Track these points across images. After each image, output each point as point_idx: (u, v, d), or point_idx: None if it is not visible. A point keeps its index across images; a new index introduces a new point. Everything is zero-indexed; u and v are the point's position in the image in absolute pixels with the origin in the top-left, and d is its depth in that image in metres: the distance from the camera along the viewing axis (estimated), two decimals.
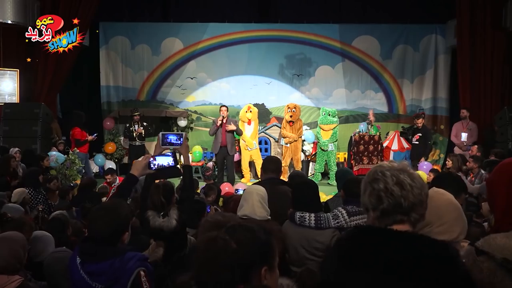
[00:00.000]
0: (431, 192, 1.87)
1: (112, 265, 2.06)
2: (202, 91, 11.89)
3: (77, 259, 2.15)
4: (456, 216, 1.78)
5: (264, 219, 3.07)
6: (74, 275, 2.14)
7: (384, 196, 1.41)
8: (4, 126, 8.66)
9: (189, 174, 3.42)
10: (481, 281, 1.31)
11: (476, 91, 9.66)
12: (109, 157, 10.57)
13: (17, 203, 4.71)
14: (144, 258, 2.17)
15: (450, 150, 9.48)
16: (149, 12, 11.97)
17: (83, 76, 11.79)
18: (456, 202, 1.85)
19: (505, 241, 1.33)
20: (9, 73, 9.25)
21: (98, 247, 2.12)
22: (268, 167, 3.88)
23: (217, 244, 1.36)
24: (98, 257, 2.10)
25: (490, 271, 1.31)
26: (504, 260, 1.29)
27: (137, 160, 2.72)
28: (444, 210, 1.77)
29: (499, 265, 1.29)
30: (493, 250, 1.32)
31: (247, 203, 3.14)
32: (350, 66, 11.77)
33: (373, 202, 1.44)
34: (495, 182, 1.54)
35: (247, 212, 3.09)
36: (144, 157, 2.71)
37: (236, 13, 11.61)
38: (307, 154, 10.42)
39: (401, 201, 1.39)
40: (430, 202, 1.48)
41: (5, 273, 2.46)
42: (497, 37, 9.47)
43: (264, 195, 3.18)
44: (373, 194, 1.44)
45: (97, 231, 2.14)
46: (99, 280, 2.08)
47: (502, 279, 1.28)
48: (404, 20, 11.41)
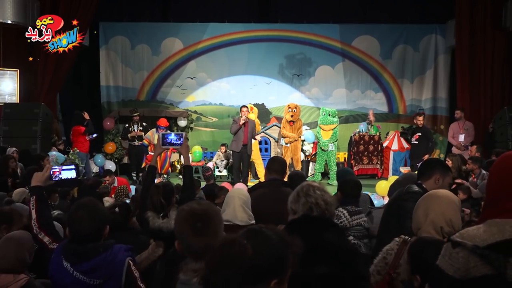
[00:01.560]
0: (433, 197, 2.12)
1: (105, 258, 2.13)
2: (202, 91, 11.90)
3: (63, 263, 2.16)
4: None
5: (246, 224, 2.97)
6: (64, 279, 2.15)
7: (314, 208, 2.11)
8: (4, 126, 8.65)
9: (189, 174, 3.41)
10: (459, 269, 1.46)
11: (475, 91, 9.65)
12: (109, 157, 10.57)
13: (17, 203, 4.70)
14: (129, 249, 2.25)
15: (450, 150, 9.47)
16: (149, 12, 11.98)
17: (83, 76, 11.80)
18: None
19: (476, 231, 1.49)
20: (9, 73, 9.24)
21: (86, 246, 2.15)
22: (273, 167, 3.82)
23: (234, 248, 1.34)
24: (90, 255, 2.14)
25: (464, 259, 1.46)
26: (474, 246, 1.44)
27: (38, 172, 2.68)
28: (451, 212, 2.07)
29: (470, 252, 1.44)
30: (465, 240, 1.48)
31: (229, 207, 3.05)
32: (350, 66, 11.78)
33: (304, 210, 2.12)
34: (491, 172, 1.64)
35: (228, 217, 2.99)
36: (46, 168, 2.70)
37: (236, 13, 11.61)
38: (307, 154, 10.42)
39: (325, 212, 2.12)
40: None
41: (11, 273, 2.48)
42: (497, 37, 9.47)
43: (247, 199, 3.08)
44: (306, 205, 2.11)
45: (83, 230, 2.16)
46: (96, 276, 2.12)
47: (475, 264, 1.44)
48: (404, 20, 11.42)
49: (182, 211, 1.82)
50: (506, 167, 1.56)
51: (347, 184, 3.50)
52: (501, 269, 1.41)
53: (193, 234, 1.73)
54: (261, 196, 3.35)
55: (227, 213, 3.03)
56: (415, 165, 8.72)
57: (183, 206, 1.85)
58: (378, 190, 7.73)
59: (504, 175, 1.55)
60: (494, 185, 1.58)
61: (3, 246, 2.57)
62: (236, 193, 3.17)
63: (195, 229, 1.73)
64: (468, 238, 1.48)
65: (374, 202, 5.36)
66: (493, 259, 1.42)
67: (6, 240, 2.63)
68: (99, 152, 10.34)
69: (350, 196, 3.44)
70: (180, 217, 1.80)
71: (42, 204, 2.50)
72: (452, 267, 1.48)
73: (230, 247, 1.35)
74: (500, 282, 1.41)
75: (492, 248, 1.43)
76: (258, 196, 3.24)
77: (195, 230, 1.73)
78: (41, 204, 2.49)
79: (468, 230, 1.52)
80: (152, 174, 3.52)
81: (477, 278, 1.44)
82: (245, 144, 8.63)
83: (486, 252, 1.43)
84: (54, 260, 2.23)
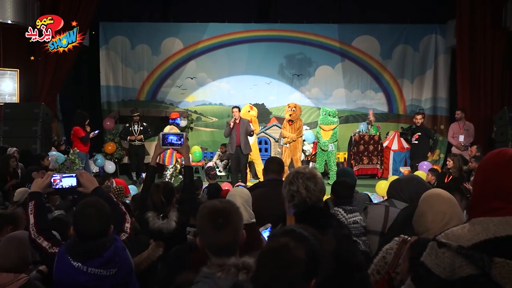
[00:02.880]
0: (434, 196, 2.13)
1: (115, 250, 2.25)
2: (202, 91, 11.90)
3: (73, 264, 2.19)
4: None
5: (247, 223, 2.98)
6: (79, 278, 2.19)
7: (296, 195, 2.12)
8: (4, 126, 8.65)
9: (189, 174, 3.41)
10: (445, 270, 1.47)
11: (476, 91, 9.65)
12: (109, 157, 10.57)
13: (19, 202, 4.70)
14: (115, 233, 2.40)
15: (450, 150, 9.48)
16: (149, 12, 11.98)
17: (83, 76, 11.79)
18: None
19: (461, 231, 1.50)
20: (9, 73, 9.24)
21: (95, 243, 2.22)
22: (270, 168, 3.82)
23: (290, 251, 1.41)
24: (100, 251, 2.21)
25: (449, 259, 1.47)
26: (459, 247, 1.45)
27: (38, 178, 2.69)
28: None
29: (456, 253, 1.45)
30: (451, 240, 1.48)
31: None
32: (350, 66, 11.78)
33: (288, 197, 2.15)
34: (477, 170, 1.64)
35: None
36: (47, 175, 2.70)
37: (236, 13, 11.61)
38: (307, 154, 10.42)
39: (306, 200, 2.11)
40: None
41: (12, 272, 2.49)
42: (497, 37, 9.47)
43: (248, 198, 3.09)
44: (289, 192, 2.14)
45: (92, 228, 2.22)
46: (111, 266, 2.23)
47: (460, 265, 1.45)
48: (404, 20, 11.42)
49: (204, 208, 1.85)
50: (490, 165, 1.55)
51: (338, 185, 3.51)
52: (486, 268, 1.41)
53: (214, 229, 1.78)
54: (260, 196, 3.35)
55: None
56: (415, 165, 8.73)
57: (205, 204, 1.88)
58: (378, 190, 7.75)
59: (489, 173, 1.54)
60: (480, 183, 1.57)
61: (5, 245, 2.59)
62: (238, 191, 3.17)
63: (217, 225, 1.78)
64: (453, 238, 1.48)
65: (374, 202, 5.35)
66: (478, 259, 1.42)
67: (8, 239, 2.65)
68: (99, 152, 10.33)
69: (343, 197, 3.43)
70: (202, 214, 1.83)
71: (40, 210, 2.52)
72: (438, 266, 1.49)
73: (285, 251, 1.41)
74: (485, 281, 1.42)
75: (477, 248, 1.43)
76: (256, 196, 3.24)
77: (216, 226, 1.78)
78: (39, 209, 2.51)
79: (453, 230, 1.52)
80: (152, 174, 3.51)
81: (463, 278, 1.44)
82: (238, 145, 8.62)
83: (470, 252, 1.43)
84: (60, 263, 2.25)
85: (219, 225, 1.78)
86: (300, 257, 1.41)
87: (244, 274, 1.66)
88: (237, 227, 1.83)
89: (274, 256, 1.42)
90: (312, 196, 2.11)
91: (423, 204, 2.16)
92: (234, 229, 1.81)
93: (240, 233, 1.83)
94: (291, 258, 1.40)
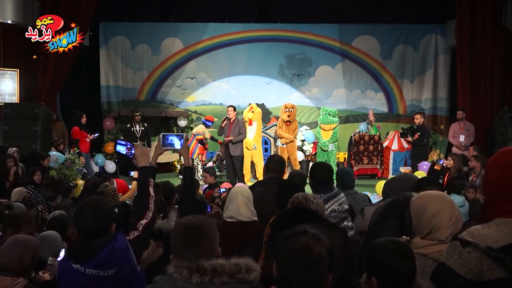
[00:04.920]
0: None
1: (112, 250, 2.14)
2: (202, 91, 11.90)
3: (73, 266, 2.17)
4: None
5: (249, 220, 3.03)
6: (79, 280, 2.17)
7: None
8: (4, 126, 8.64)
9: (189, 175, 3.41)
10: (471, 271, 1.40)
11: (476, 91, 9.64)
12: (109, 157, 10.56)
13: (17, 202, 4.70)
14: (122, 232, 2.32)
15: (450, 150, 9.47)
16: (149, 12, 11.98)
17: (83, 76, 11.78)
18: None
19: (487, 231, 1.42)
20: (9, 73, 9.23)
21: (90, 243, 2.16)
22: (271, 167, 3.81)
23: (313, 250, 1.47)
24: (94, 251, 2.14)
25: (477, 260, 1.39)
26: (488, 248, 1.37)
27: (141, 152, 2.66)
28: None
29: (484, 254, 1.38)
30: (477, 240, 1.41)
31: (232, 204, 3.08)
32: (350, 66, 11.78)
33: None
34: (490, 168, 1.59)
35: (232, 213, 3.03)
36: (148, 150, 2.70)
37: (236, 13, 11.61)
38: (307, 154, 10.41)
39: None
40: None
41: (9, 276, 2.47)
42: (497, 37, 9.46)
43: (249, 196, 3.12)
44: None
45: (86, 226, 2.18)
46: (108, 267, 2.14)
47: (489, 267, 1.37)
48: (404, 20, 11.42)
49: (178, 224, 1.84)
50: (506, 163, 1.51)
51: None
52: None
53: (185, 245, 1.74)
54: (258, 195, 3.35)
55: (231, 210, 3.05)
56: (415, 165, 8.73)
57: (180, 219, 1.86)
58: (378, 190, 7.73)
59: (506, 171, 1.49)
60: (495, 181, 1.52)
61: (9, 246, 2.57)
62: (239, 190, 3.20)
63: (188, 240, 1.74)
64: (479, 237, 1.41)
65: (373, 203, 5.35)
66: (509, 262, 1.35)
67: (12, 241, 2.62)
68: (99, 152, 10.33)
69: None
70: (175, 229, 1.81)
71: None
72: (464, 267, 1.41)
73: (308, 250, 1.47)
74: None
75: (505, 250, 1.36)
76: (255, 195, 3.25)
77: (187, 241, 1.74)
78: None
79: (478, 229, 1.45)
80: (152, 175, 3.50)
81: (492, 281, 1.37)
82: (227, 146, 8.59)
83: (501, 255, 1.36)
84: (63, 267, 2.25)
85: (190, 241, 1.74)
86: (322, 254, 1.47)
87: (198, 277, 1.62)
88: (211, 245, 1.77)
89: (300, 256, 1.46)
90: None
91: (433, 204, 1.95)
92: (207, 246, 1.75)
93: (215, 250, 1.76)
94: (316, 255, 1.46)
